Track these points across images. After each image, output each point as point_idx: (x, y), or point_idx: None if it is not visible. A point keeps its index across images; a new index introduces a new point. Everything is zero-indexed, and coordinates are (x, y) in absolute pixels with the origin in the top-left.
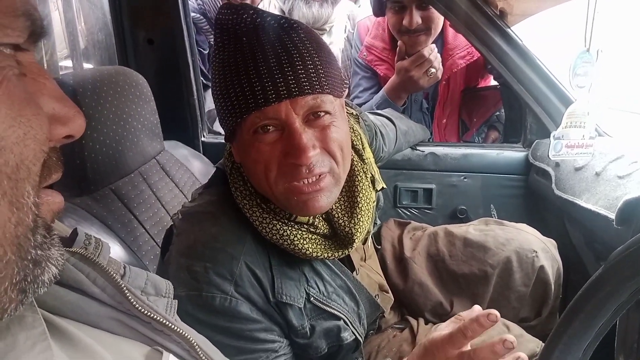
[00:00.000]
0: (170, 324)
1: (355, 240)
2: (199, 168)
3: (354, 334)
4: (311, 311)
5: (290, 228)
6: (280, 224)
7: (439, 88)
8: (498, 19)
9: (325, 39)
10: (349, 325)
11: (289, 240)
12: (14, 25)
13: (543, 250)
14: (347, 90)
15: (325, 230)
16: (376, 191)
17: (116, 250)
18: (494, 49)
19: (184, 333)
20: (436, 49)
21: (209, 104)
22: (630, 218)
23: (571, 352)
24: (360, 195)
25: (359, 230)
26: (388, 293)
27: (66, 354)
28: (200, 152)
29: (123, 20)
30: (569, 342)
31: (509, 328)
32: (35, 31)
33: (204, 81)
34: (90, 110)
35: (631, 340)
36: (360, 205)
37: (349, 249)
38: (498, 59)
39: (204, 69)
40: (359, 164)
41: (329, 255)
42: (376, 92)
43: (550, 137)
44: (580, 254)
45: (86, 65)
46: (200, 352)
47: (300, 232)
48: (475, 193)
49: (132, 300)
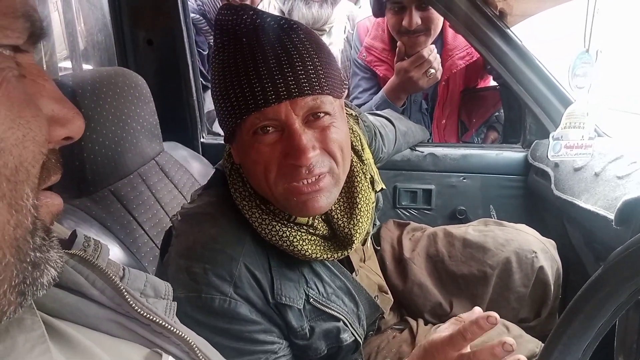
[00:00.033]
0: (169, 326)
1: (355, 241)
2: (198, 169)
3: (354, 335)
4: (310, 312)
5: (289, 229)
6: (279, 225)
7: (439, 89)
8: (498, 19)
9: (324, 40)
10: (348, 327)
11: (288, 242)
12: (14, 27)
13: (542, 251)
14: (347, 91)
15: (325, 232)
16: (375, 192)
17: (115, 252)
18: (493, 49)
19: (183, 335)
20: (435, 49)
21: (208, 105)
22: (630, 218)
23: (571, 353)
24: (360, 196)
25: (358, 231)
26: (387, 294)
27: (65, 356)
28: (199, 153)
29: (122, 21)
30: (569, 343)
31: (509, 329)
32: (35, 32)
33: (204, 82)
34: (90, 111)
35: (630, 341)
36: (359, 206)
37: (348, 250)
38: (497, 60)
39: (203, 69)
40: (358, 165)
41: (329, 256)
42: (375, 93)
43: (549, 138)
44: (580, 255)
45: (86, 66)
46: (199, 354)
47: (299, 233)
48: (474, 194)
49: (131, 302)
